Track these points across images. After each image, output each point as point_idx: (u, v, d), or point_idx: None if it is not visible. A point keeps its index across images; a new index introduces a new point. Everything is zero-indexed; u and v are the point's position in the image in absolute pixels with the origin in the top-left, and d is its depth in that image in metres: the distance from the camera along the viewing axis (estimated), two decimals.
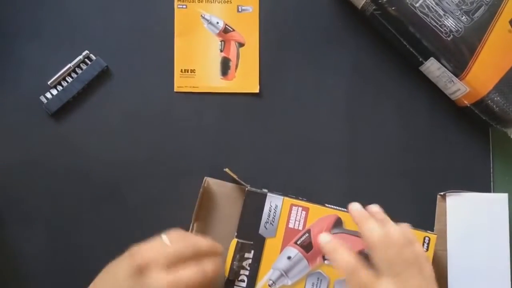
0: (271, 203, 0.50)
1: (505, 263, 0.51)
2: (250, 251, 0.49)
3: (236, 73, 0.57)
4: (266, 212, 0.50)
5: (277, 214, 0.50)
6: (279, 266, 0.49)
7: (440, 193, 0.54)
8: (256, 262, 0.49)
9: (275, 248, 0.49)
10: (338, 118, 0.57)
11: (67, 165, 0.56)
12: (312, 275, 0.49)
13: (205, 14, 0.58)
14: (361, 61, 0.58)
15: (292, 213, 0.50)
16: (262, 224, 0.50)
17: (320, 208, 0.50)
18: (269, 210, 0.50)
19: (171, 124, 0.57)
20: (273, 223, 0.50)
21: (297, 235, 0.49)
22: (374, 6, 0.53)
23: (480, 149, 0.57)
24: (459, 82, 0.52)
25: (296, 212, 0.50)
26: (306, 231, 0.49)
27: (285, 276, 0.49)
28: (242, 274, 0.48)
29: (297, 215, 0.50)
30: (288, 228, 0.50)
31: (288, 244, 0.49)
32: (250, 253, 0.49)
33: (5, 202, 0.55)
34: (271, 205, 0.50)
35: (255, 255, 0.49)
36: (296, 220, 0.50)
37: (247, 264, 0.49)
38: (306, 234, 0.49)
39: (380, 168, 0.56)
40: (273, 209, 0.50)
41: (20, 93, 0.56)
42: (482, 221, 0.52)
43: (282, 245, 0.49)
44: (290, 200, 0.50)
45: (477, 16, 0.52)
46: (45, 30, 0.57)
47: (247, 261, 0.49)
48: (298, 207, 0.50)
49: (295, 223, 0.50)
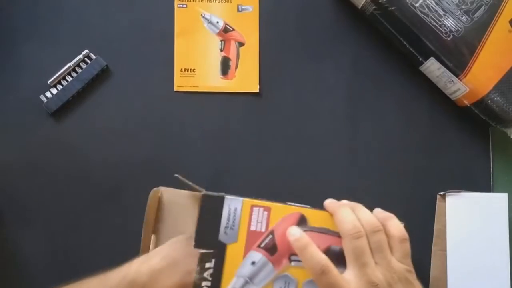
0: (230, 206, 0.46)
1: (504, 263, 0.51)
2: (210, 260, 0.45)
3: (236, 73, 0.57)
4: (225, 216, 0.46)
5: (237, 218, 0.46)
6: (243, 272, 0.45)
7: (440, 193, 0.54)
8: (218, 271, 0.45)
9: (237, 254, 0.45)
10: (338, 117, 0.57)
11: (67, 164, 0.55)
12: (279, 278, 0.45)
13: (205, 14, 0.58)
14: (361, 61, 0.58)
15: (253, 215, 0.46)
16: (221, 230, 0.46)
17: (283, 207, 0.47)
18: (228, 214, 0.46)
19: (171, 124, 0.57)
20: (234, 228, 0.46)
21: (260, 238, 0.46)
22: (374, 6, 0.53)
23: (480, 149, 0.57)
24: (459, 82, 0.52)
25: (258, 213, 0.46)
26: (269, 232, 0.46)
27: (250, 282, 0.45)
28: (204, 286, 0.45)
29: (258, 216, 0.46)
30: (250, 231, 0.46)
31: (251, 248, 0.46)
32: (211, 262, 0.45)
33: (5, 202, 0.55)
34: (230, 208, 0.46)
35: (216, 264, 0.45)
36: (258, 221, 0.46)
37: (208, 274, 0.45)
38: (269, 236, 0.46)
39: (379, 168, 0.56)
40: (232, 212, 0.46)
41: (20, 92, 0.56)
42: (481, 221, 0.52)
43: (245, 250, 0.45)
44: (250, 201, 0.47)
45: (477, 16, 0.52)
46: (45, 29, 0.57)
47: (208, 271, 0.45)
48: (259, 208, 0.47)
49: (257, 225, 0.46)
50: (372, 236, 0.41)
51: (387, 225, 0.43)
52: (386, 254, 0.41)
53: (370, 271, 0.40)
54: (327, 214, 0.46)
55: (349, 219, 0.42)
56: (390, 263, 0.41)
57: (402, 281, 0.40)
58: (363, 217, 0.43)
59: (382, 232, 0.42)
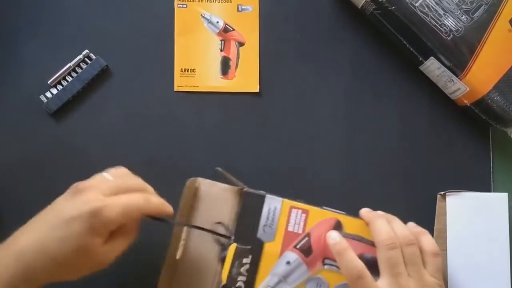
0: (270, 205, 0.48)
1: (505, 262, 0.51)
2: (248, 256, 0.47)
3: (236, 73, 0.57)
4: (265, 215, 0.48)
5: (276, 217, 0.48)
6: (278, 271, 0.47)
7: (440, 193, 0.54)
8: (254, 267, 0.46)
9: (274, 253, 0.47)
10: (338, 117, 0.57)
11: (67, 164, 0.55)
12: (311, 280, 0.47)
13: (205, 14, 0.58)
14: (361, 61, 0.58)
15: (292, 216, 0.48)
16: (260, 227, 0.47)
17: (320, 211, 0.49)
18: (267, 213, 0.48)
19: (171, 124, 0.57)
20: (272, 226, 0.48)
21: (296, 239, 0.48)
22: (374, 6, 0.53)
23: (480, 148, 0.57)
24: (459, 82, 0.52)
25: (296, 215, 0.48)
26: (305, 234, 0.48)
27: (284, 281, 0.47)
28: (240, 281, 0.46)
29: (296, 217, 0.48)
30: (288, 231, 0.48)
31: (287, 249, 0.47)
32: (248, 258, 0.47)
33: (4, 202, 0.55)
34: (270, 207, 0.48)
35: (253, 260, 0.47)
36: (295, 223, 0.48)
37: (244, 269, 0.46)
38: (305, 238, 0.48)
39: (379, 168, 0.56)
40: (272, 211, 0.48)
41: (20, 93, 0.56)
42: (482, 221, 0.52)
43: (281, 249, 0.47)
44: (289, 202, 0.48)
45: (477, 16, 0.52)
46: (45, 29, 0.57)
47: (245, 266, 0.47)
48: (298, 210, 0.48)
49: (295, 226, 0.48)
50: (406, 249, 0.43)
51: (421, 239, 0.45)
52: (419, 267, 0.43)
53: (404, 282, 0.41)
54: (362, 222, 0.48)
55: (385, 229, 0.44)
56: (422, 276, 0.42)
57: None
58: (398, 230, 0.44)
59: (416, 245, 0.44)
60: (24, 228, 0.39)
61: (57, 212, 0.38)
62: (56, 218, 0.38)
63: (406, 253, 0.43)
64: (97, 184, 0.39)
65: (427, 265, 0.44)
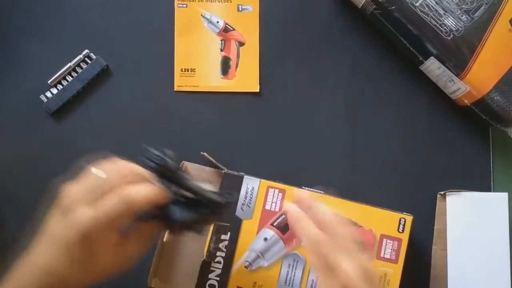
0: (248, 185, 0.51)
1: (505, 262, 0.51)
2: (226, 233, 0.50)
3: (236, 72, 0.57)
4: (243, 194, 0.51)
5: (253, 196, 0.51)
6: (256, 247, 0.49)
7: (440, 192, 0.54)
8: (233, 243, 0.49)
9: (251, 230, 0.50)
10: (338, 117, 0.57)
11: (67, 164, 0.55)
12: (288, 256, 0.49)
13: (205, 13, 0.58)
14: (361, 61, 0.58)
15: (269, 195, 0.51)
16: (239, 206, 0.50)
17: (297, 190, 0.51)
18: (245, 192, 0.51)
19: (171, 123, 0.57)
20: (250, 205, 0.50)
21: (273, 217, 0.50)
22: (374, 5, 0.53)
23: (480, 148, 0.57)
24: (459, 82, 0.52)
25: (273, 194, 0.51)
26: (282, 212, 0.50)
27: (261, 257, 0.49)
28: (219, 256, 0.49)
29: (273, 197, 0.51)
30: (265, 210, 0.50)
31: (265, 226, 0.50)
32: (227, 235, 0.49)
33: (5, 202, 0.55)
34: (248, 187, 0.51)
35: (231, 237, 0.49)
36: (272, 202, 0.51)
37: (223, 245, 0.49)
38: (282, 216, 0.50)
39: (379, 167, 0.56)
40: (249, 191, 0.51)
41: (20, 92, 0.56)
42: (482, 221, 0.52)
43: (258, 227, 0.50)
44: (266, 182, 0.51)
45: (477, 16, 0.52)
46: (45, 29, 0.57)
47: (224, 242, 0.49)
48: (275, 189, 0.51)
49: (272, 205, 0.50)
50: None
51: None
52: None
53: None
54: (338, 201, 0.50)
55: (311, 232, 0.41)
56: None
57: None
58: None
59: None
60: (35, 251, 0.39)
61: (52, 238, 0.38)
62: (55, 245, 0.38)
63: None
64: (81, 192, 0.38)
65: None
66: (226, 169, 0.52)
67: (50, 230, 0.38)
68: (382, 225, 0.50)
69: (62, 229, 0.37)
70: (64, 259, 0.37)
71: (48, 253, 0.38)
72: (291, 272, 0.49)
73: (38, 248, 0.38)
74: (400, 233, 0.50)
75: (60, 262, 0.37)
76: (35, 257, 0.38)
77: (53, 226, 0.38)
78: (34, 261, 0.38)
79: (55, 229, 0.38)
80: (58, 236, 0.38)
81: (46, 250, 0.38)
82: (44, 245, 0.38)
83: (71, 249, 0.37)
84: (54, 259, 0.37)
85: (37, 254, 0.38)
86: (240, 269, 0.49)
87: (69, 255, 0.37)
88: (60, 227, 0.38)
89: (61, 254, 0.37)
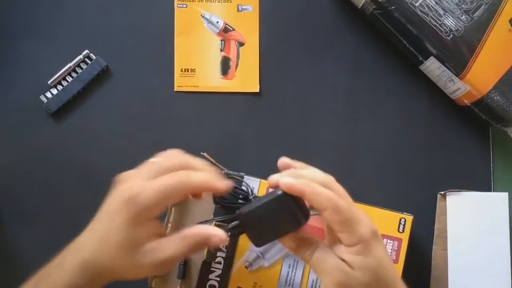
0: (248, 185, 0.51)
1: (505, 262, 0.51)
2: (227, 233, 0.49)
3: (236, 73, 0.57)
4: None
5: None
6: (256, 248, 0.48)
7: (440, 192, 0.54)
8: (233, 244, 0.49)
9: None
10: (338, 117, 0.57)
11: (67, 164, 0.56)
12: (288, 257, 0.49)
13: (205, 14, 0.58)
14: (361, 61, 0.58)
15: None
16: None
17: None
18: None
19: (171, 124, 0.57)
20: None
21: None
22: (374, 6, 0.53)
23: (480, 148, 0.57)
24: (459, 81, 0.52)
25: None
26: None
27: (261, 257, 0.49)
28: (219, 256, 0.49)
29: None
30: None
31: None
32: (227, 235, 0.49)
33: (5, 202, 0.55)
34: (248, 187, 0.51)
35: (232, 237, 0.49)
36: None
37: (223, 246, 0.49)
38: None
39: (379, 167, 0.56)
40: (249, 191, 0.50)
41: (20, 93, 0.56)
42: (482, 220, 0.52)
43: None
44: (267, 182, 0.49)
45: (477, 16, 0.52)
46: (45, 30, 0.57)
47: None
48: None
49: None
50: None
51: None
52: None
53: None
54: None
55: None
56: None
57: None
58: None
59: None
60: (85, 232, 0.38)
61: (104, 210, 0.38)
62: (104, 216, 0.37)
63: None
64: (137, 171, 0.38)
65: None
66: (226, 169, 0.52)
67: (104, 204, 0.38)
68: (382, 225, 0.50)
69: (111, 198, 0.37)
70: (107, 233, 0.36)
71: (91, 240, 0.37)
72: (292, 273, 0.49)
73: (82, 236, 0.38)
74: (400, 233, 0.50)
75: (101, 247, 0.36)
76: (78, 246, 0.37)
77: (106, 199, 0.37)
78: (76, 251, 0.37)
79: (106, 201, 0.37)
80: (107, 206, 0.37)
81: (90, 237, 0.37)
82: (89, 233, 0.37)
83: (113, 219, 0.36)
84: (96, 245, 0.36)
85: (81, 243, 0.37)
86: (240, 270, 0.49)
87: (110, 228, 0.36)
88: (110, 198, 0.37)
89: (105, 227, 0.36)
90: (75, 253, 0.37)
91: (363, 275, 0.36)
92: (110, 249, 0.36)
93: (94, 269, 0.36)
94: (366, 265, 0.36)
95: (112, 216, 0.36)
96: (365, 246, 0.36)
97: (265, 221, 0.38)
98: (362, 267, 0.36)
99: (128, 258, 0.36)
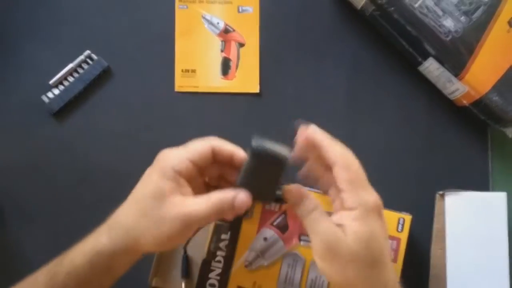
0: None
1: (503, 261, 0.51)
2: (227, 232, 0.50)
3: (236, 73, 0.58)
4: None
5: None
6: (256, 247, 0.49)
7: (439, 192, 0.55)
8: (233, 243, 0.50)
9: (251, 230, 0.50)
10: (338, 117, 0.57)
11: (68, 164, 0.56)
12: (288, 256, 0.49)
13: (205, 15, 0.58)
14: (361, 61, 0.58)
15: None
16: None
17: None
18: None
19: (172, 124, 0.57)
20: None
21: (273, 217, 0.50)
22: (373, 7, 0.53)
23: (479, 148, 0.57)
24: (458, 82, 0.53)
25: None
26: (282, 212, 0.50)
27: (261, 257, 0.49)
28: (219, 255, 0.49)
29: None
30: (265, 209, 0.50)
31: (264, 225, 0.50)
32: (227, 234, 0.50)
33: (5, 202, 0.55)
34: None
35: (232, 236, 0.50)
36: None
37: (223, 245, 0.50)
38: (282, 215, 0.50)
39: (379, 167, 0.56)
40: None
41: (21, 93, 0.56)
42: (480, 220, 0.52)
43: (258, 227, 0.50)
44: None
45: (476, 17, 0.52)
46: (46, 30, 0.57)
47: (224, 242, 0.50)
48: None
49: (272, 205, 0.50)
50: None
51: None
52: None
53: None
54: None
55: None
56: None
57: None
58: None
59: None
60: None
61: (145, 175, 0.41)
62: (144, 178, 0.40)
63: None
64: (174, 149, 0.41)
65: None
66: None
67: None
68: None
69: (148, 170, 0.40)
70: (137, 208, 0.39)
71: (125, 209, 0.40)
72: (291, 272, 0.49)
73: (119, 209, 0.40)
74: (399, 232, 0.50)
75: (132, 213, 0.39)
76: (114, 216, 0.40)
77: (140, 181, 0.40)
78: (110, 220, 0.40)
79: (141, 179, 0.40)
80: (142, 180, 0.40)
81: (124, 207, 0.40)
82: (126, 204, 0.40)
83: (149, 175, 0.39)
84: (127, 211, 0.39)
85: (116, 213, 0.40)
86: (240, 269, 0.49)
87: (146, 183, 0.39)
88: (146, 172, 0.40)
89: (144, 188, 0.39)
90: (107, 221, 0.41)
91: (353, 242, 0.36)
92: (140, 203, 0.39)
93: (121, 229, 0.39)
94: (359, 233, 0.36)
95: (148, 176, 0.40)
96: (363, 213, 0.37)
97: (259, 176, 0.40)
98: (354, 234, 0.36)
99: (155, 208, 0.38)
